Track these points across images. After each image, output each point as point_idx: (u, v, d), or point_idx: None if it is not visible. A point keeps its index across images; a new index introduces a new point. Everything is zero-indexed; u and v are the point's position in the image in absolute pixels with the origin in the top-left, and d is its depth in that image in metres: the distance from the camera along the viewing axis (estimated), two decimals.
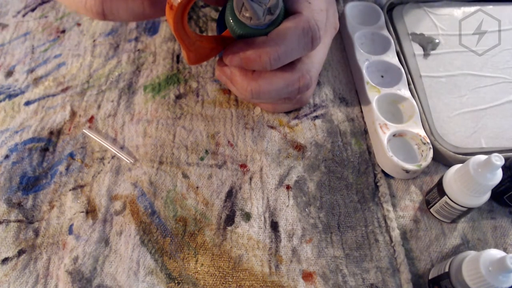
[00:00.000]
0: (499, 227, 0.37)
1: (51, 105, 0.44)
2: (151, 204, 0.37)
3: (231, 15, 0.30)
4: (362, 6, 0.49)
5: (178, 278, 0.34)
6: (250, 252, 0.35)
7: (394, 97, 0.42)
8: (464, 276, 0.29)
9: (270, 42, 0.28)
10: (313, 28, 0.28)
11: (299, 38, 0.28)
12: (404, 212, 0.38)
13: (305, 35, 0.28)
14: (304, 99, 0.40)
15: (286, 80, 0.31)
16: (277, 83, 0.30)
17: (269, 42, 0.28)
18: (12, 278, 0.34)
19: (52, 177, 0.39)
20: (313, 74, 0.32)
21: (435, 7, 0.50)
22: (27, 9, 0.53)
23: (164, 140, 0.41)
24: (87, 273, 0.34)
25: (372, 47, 0.46)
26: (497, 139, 0.40)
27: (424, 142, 0.39)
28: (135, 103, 0.44)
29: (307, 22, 0.28)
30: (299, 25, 0.28)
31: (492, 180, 0.31)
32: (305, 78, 0.31)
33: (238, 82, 0.32)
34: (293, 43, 0.28)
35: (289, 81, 0.31)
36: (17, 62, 0.48)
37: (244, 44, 0.29)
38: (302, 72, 0.31)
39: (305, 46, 0.29)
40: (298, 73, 0.31)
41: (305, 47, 0.29)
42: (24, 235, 0.36)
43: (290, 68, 0.30)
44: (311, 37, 0.28)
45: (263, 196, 0.38)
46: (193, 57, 0.32)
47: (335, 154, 0.40)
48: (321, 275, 0.34)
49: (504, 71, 0.45)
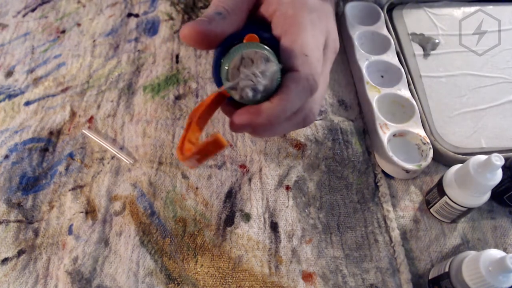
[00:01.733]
0: (499, 227, 0.37)
1: (51, 105, 0.44)
2: (150, 205, 0.37)
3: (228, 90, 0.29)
4: (362, 6, 0.49)
5: (177, 278, 0.34)
6: (250, 252, 0.35)
7: (394, 97, 0.42)
8: (464, 276, 0.29)
9: (276, 107, 0.29)
10: (311, 84, 0.30)
11: (300, 96, 0.30)
12: (404, 212, 0.38)
13: (305, 91, 0.30)
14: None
15: (292, 123, 0.32)
16: (283, 127, 0.32)
17: (276, 108, 0.29)
18: (12, 278, 0.34)
19: (51, 177, 0.39)
20: (316, 110, 0.33)
21: (435, 7, 0.50)
22: (27, 9, 0.53)
23: (164, 140, 0.41)
24: (87, 273, 0.34)
25: (372, 47, 0.46)
26: (497, 139, 0.40)
27: (424, 142, 0.39)
28: (134, 103, 0.44)
29: (306, 80, 0.29)
30: (300, 86, 0.29)
31: (492, 180, 0.31)
32: (308, 117, 0.32)
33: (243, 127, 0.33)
34: (296, 102, 0.30)
35: (295, 123, 0.32)
36: (17, 62, 0.48)
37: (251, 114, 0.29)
38: (306, 112, 0.32)
39: (305, 98, 0.30)
40: (302, 114, 0.32)
41: (305, 99, 0.31)
42: (23, 235, 0.36)
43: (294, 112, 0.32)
44: (310, 91, 0.30)
45: (262, 196, 0.38)
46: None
47: (335, 153, 0.40)
48: (321, 275, 0.34)
49: (504, 71, 0.45)
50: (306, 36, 0.30)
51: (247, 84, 0.28)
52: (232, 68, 0.28)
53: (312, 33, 0.31)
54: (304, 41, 0.30)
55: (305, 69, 0.29)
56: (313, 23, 0.32)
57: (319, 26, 0.33)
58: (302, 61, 0.29)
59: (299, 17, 0.31)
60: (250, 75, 0.28)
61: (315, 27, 0.32)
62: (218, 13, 0.30)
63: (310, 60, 0.30)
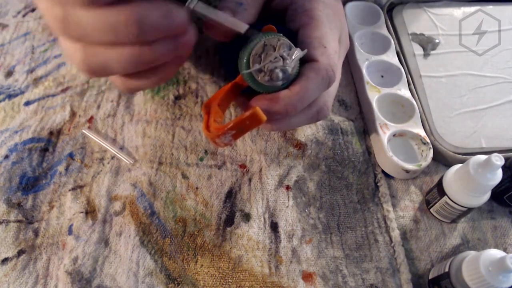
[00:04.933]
0: (499, 227, 0.37)
1: (51, 105, 0.44)
2: (150, 205, 0.37)
3: (249, 77, 0.29)
4: (362, 6, 0.49)
5: (177, 279, 0.34)
6: (250, 252, 0.35)
7: (394, 97, 0.42)
8: (464, 276, 0.29)
9: (295, 96, 0.29)
10: (330, 75, 0.30)
11: (318, 86, 0.30)
12: (404, 212, 0.38)
13: (324, 82, 0.30)
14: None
15: (306, 115, 0.32)
16: (297, 118, 0.32)
17: (294, 96, 0.29)
18: (12, 278, 0.34)
19: (51, 177, 0.39)
20: (330, 104, 0.33)
21: (435, 7, 0.50)
22: (27, 9, 0.53)
23: (164, 140, 0.41)
24: (87, 273, 0.34)
25: (372, 47, 0.46)
26: (497, 139, 0.40)
27: (424, 142, 0.39)
28: (134, 103, 0.44)
29: (325, 70, 0.29)
30: (319, 75, 0.29)
31: (492, 180, 0.31)
32: (323, 110, 0.32)
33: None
34: (314, 92, 0.30)
35: (309, 116, 0.32)
36: (17, 62, 0.48)
37: (269, 102, 0.29)
38: (321, 105, 0.32)
39: (323, 89, 0.31)
40: (317, 107, 0.32)
41: (323, 90, 0.31)
42: (23, 235, 0.36)
43: (309, 104, 0.32)
44: (328, 82, 0.30)
45: (262, 196, 0.38)
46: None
47: (336, 153, 0.40)
48: (321, 275, 0.34)
49: (504, 71, 0.45)
50: (324, 28, 0.31)
51: (277, 65, 0.28)
52: (253, 55, 0.28)
53: (329, 26, 0.32)
54: (322, 33, 0.30)
55: (324, 59, 0.30)
56: (329, 17, 0.32)
57: (334, 21, 0.33)
58: (321, 52, 0.30)
59: (316, 11, 0.31)
60: (279, 57, 0.28)
61: (331, 22, 0.32)
62: (240, 4, 0.30)
63: (328, 52, 0.30)
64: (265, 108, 0.28)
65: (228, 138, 0.27)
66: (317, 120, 0.33)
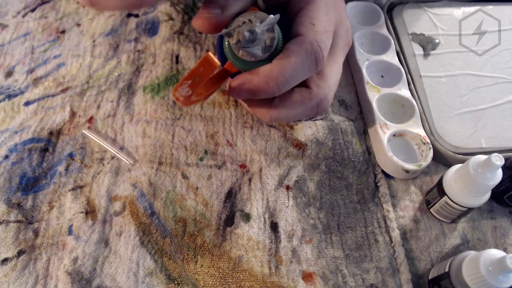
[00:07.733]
0: (499, 227, 0.37)
1: (51, 106, 0.44)
2: (150, 205, 0.37)
3: (230, 53, 0.29)
4: (362, 6, 0.49)
5: (178, 279, 0.34)
6: (250, 252, 0.35)
7: (394, 97, 0.42)
8: (464, 276, 0.29)
9: (275, 68, 0.28)
10: (315, 50, 0.29)
11: (303, 61, 0.29)
12: (404, 212, 0.38)
13: (309, 57, 0.29)
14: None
15: (305, 106, 0.31)
16: (296, 110, 0.31)
17: (274, 68, 0.28)
18: (12, 278, 0.34)
19: (51, 177, 0.39)
20: (330, 97, 0.33)
21: (435, 7, 0.50)
22: (27, 9, 0.53)
23: (163, 140, 0.41)
24: (87, 273, 0.34)
25: (372, 47, 0.46)
26: (497, 139, 0.40)
27: (424, 142, 0.39)
28: (134, 103, 0.44)
29: (309, 44, 0.28)
30: (302, 48, 0.28)
31: (492, 180, 0.31)
32: (323, 103, 0.32)
33: (256, 109, 0.33)
34: (297, 66, 0.28)
35: (308, 107, 0.31)
36: (17, 62, 0.48)
37: (249, 74, 0.29)
38: (320, 97, 0.31)
39: (310, 67, 0.29)
40: (316, 99, 0.31)
41: (310, 68, 0.29)
42: (23, 235, 0.36)
43: (308, 94, 0.31)
44: (314, 58, 0.29)
45: (262, 196, 0.38)
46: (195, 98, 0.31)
47: (336, 153, 0.40)
48: (321, 275, 0.34)
49: (504, 71, 0.45)
50: (318, 12, 0.30)
51: (244, 27, 0.28)
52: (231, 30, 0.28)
53: (325, 11, 0.31)
54: (315, 14, 0.30)
55: (310, 34, 0.29)
56: (328, 7, 0.32)
57: (333, 11, 0.32)
58: (308, 28, 0.29)
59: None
60: (247, 21, 0.28)
61: (329, 11, 0.32)
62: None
63: (316, 29, 0.29)
64: (244, 81, 0.28)
65: (186, 89, 0.27)
66: (317, 114, 0.33)
